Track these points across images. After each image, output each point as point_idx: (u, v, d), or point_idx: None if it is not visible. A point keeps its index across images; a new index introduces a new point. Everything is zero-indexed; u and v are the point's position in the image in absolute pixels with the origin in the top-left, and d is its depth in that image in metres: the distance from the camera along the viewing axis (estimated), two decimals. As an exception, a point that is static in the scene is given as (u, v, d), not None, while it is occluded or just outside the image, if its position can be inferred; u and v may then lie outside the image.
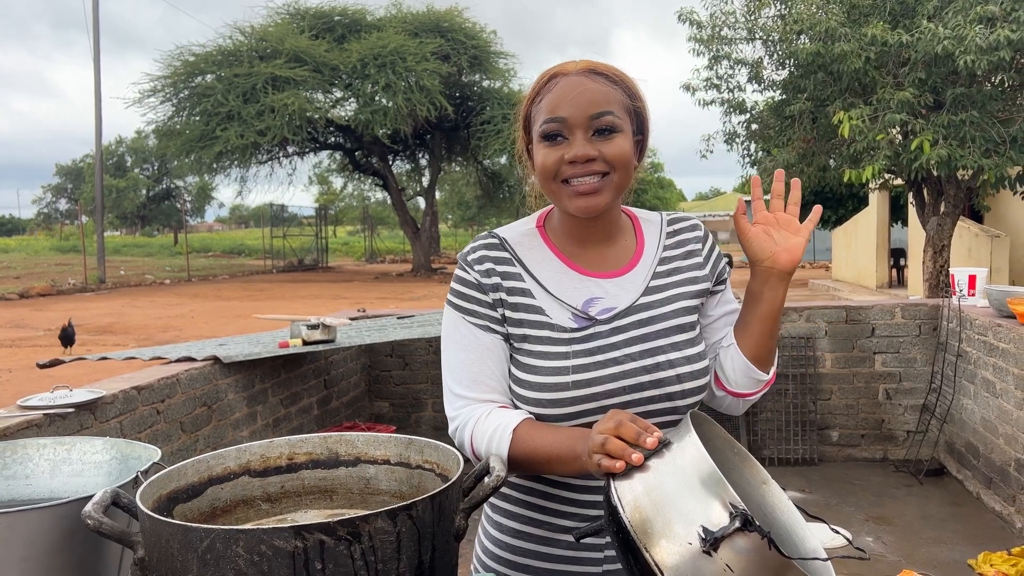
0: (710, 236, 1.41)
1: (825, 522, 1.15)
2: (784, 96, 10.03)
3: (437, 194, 31.54)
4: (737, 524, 0.87)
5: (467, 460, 1.21)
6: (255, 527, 0.90)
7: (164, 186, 48.12)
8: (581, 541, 1.25)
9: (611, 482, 0.99)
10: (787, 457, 5.57)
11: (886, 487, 5.11)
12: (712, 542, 0.88)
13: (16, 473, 1.31)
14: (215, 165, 23.69)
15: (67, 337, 5.17)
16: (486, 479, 1.11)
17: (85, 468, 1.32)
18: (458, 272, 1.32)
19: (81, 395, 2.86)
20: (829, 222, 22.54)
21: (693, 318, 1.30)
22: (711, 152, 11.68)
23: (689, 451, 0.96)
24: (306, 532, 0.90)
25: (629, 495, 0.96)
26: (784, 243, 1.26)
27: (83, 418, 2.89)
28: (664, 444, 0.99)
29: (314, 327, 4.39)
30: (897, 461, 5.51)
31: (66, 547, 1.06)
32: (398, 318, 5.73)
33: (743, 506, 0.88)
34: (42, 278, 22.82)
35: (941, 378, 5.30)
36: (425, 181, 29.40)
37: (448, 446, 1.19)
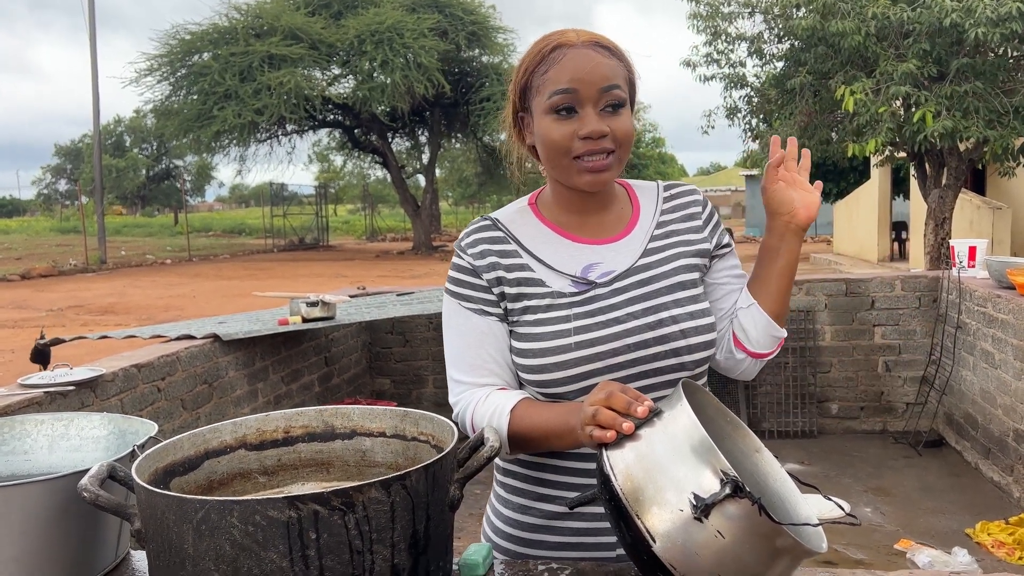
0: (709, 203, 1.41)
1: (818, 490, 1.16)
2: (785, 69, 9.96)
3: (437, 172, 31.41)
4: (727, 491, 0.88)
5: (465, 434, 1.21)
6: (249, 498, 0.91)
7: (164, 166, 47.96)
8: (595, 515, 1.26)
9: (603, 451, 0.99)
10: (787, 430, 5.59)
11: (885, 459, 5.14)
12: (703, 508, 0.88)
13: (15, 449, 1.31)
14: (213, 144, 23.54)
15: (41, 356, 3.84)
16: (481, 450, 1.12)
17: (83, 443, 1.33)
18: (453, 259, 1.34)
19: (81, 373, 2.87)
20: (831, 195, 22.47)
21: (694, 276, 1.31)
22: (712, 127, 11.63)
23: (680, 420, 0.96)
24: (300, 502, 0.90)
25: (621, 464, 0.97)
26: (802, 199, 1.31)
27: (84, 396, 2.90)
28: (655, 413, 0.99)
29: (313, 304, 4.40)
30: (896, 433, 5.54)
31: (64, 520, 1.07)
32: (397, 295, 5.73)
33: (733, 473, 0.89)
34: (43, 259, 22.83)
35: (940, 350, 5.31)
36: (425, 159, 29.27)
37: (443, 418, 1.19)
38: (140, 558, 1.22)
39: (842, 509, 1.11)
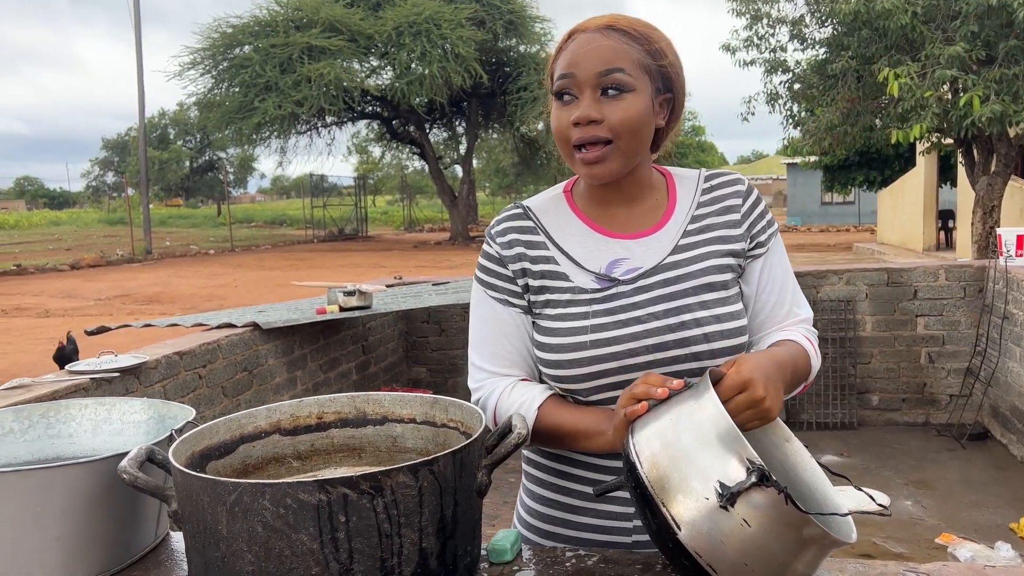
0: (754, 193, 1.31)
1: (849, 481, 1.15)
2: (827, 54, 9.76)
3: (474, 162, 31.44)
4: (753, 479, 0.87)
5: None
6: (280, 481, 0.93)
7: (207, 158, 48.78)
8: (610, 512, 1.26)
9: (630, 439, 1.00)
10: (826, 421, 5.52)
11: (927, 451, 5.04)
12: (729, 497, 0.88)
13: (60, 432, 1.36)
14: (255, 136, 23.88)
15: (64, 358, 3.79)
16: (508, 437, 1.12)
17: (125, 427, 1.37)
18: (484, 246, 1.33)
19: (126, 360, 2.95)
20: (875, 184, 22.02)
21: (726, 277, 1.24)
22: (752, 114, 11.44)
23: (707, 408, 0.96)
24: (329, 486, 0.92)
25: (647, 451, 0.97)
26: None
27: (128, 382, 2.98)
28: (690, 387, 1.00)
29: (350, 294, 4.45)
30: (939, 425, 5.43)
31: (105, 501, 1.11)
32: (433, 285, 5.77)
33: (759, 461, 0.88)
34: (92, 250, 23.42)
35: (986, 341, 5.19)
36: (462, 149, 29.32)
37: (472, 405, 1.21)
38: (178, 539, 1.25)
39: (873, 500, 1.10)
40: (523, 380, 1.28)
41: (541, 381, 1.30)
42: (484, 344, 1.30)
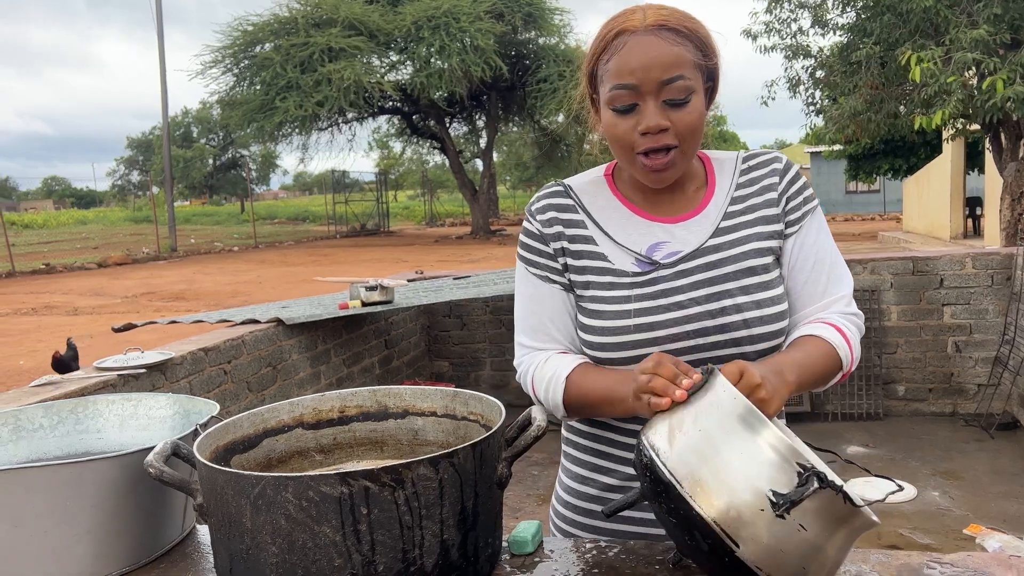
0: (793, 169, 1.29)
1: (868, 472, 1.14)
2: (850, 40, 9.64)
3: (495, 156, 31.47)
4: (815, 485, 0.84)
5: (519, 407, 1.23)
6: (303, 474, 0.94)
7: (230, 155, 49.19)
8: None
9: (656, 459, 0.93)
10: (851, 412, 5.47)
11: (954, 441, 4.98)
12: (786, 506, 0.84)
13: (88, 428, 1.38)
14: (276, 133, 24.06)
15: (62, 365, 4.11)
16: (528, 429, 1.13)
17: (151, 423, 1.39)
18: (524, 223, 1.34)
19: (152, 356, 2.99)
20: (900, 172, 21.73)
21: (767, 260, 1.24)
22: (773, 99, 11.33)
23: (732, 407, 0.92)
24: (351, 479, 0.94)
25: (683, 469, 0.91)
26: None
27: (155, 379, 3.03)
28: (709, 371, 0.98)
29: (372, 288, 4.47)
30: (967, 415, 5.36)
31: (133, 495, 1.13)
32: (454, 279, 5.79)
33: (812, 465, 0.86)
34: (118, 248, 23.73)
35: (1015, 329, 5.11)
36: (482, 143, 29.33)
37: (492, 398, 1.21)
38: (205, 532, 1.27)
39: (899, 486, 1.07)
40: (561, 353, 1.28)
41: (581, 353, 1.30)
42: (526, 320, 1.32)
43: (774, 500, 0.85)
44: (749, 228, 1.25)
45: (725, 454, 0.90)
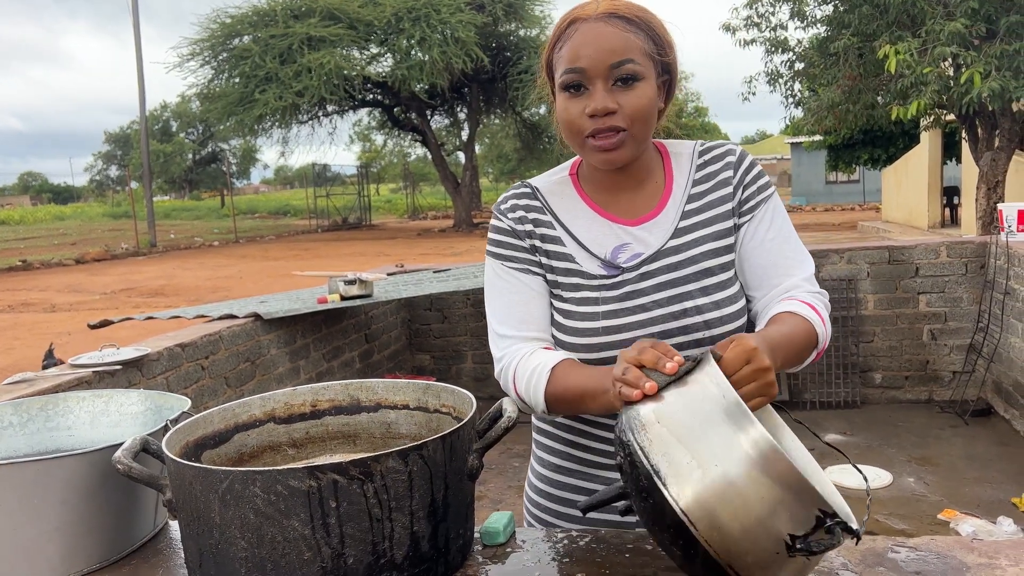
0: (747, 160, 1.29)
1: (848, 458, 1.15)
2: (828, 32, 9.70)
3: (476, 148, 31.36)
4: (839, 538, 0.83)
5: (489, 400, 1.23)
6: (270, 468, 0.94)
7: (210, 149, 48.76)
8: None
9: (666, 491, 0.88)
10: (829, 400, 5.53)
11: (930, 428, 5.05)
12: (804, 550, 0.83)
13: (59, 425, 1.38)
14: (256, 127, 23.85)
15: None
16: (499, 421, 1.14)
17: (122, 419, 1.38)
18: (493, 222, 1.34)
19: (128, 353, 2.97)
20: (879, 162, 21.91)
21: (724, 259, 1.26)
22: (753, 94, 11.39)
23: (759, 444, 0.86)
24: (319, 472, 0.94)
25: (699, 512, 0.86)
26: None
27: (131, 375, 3.01)
28: (694, 361, 0.95)
29: (351, 282, 4.46)
30: (942, 402, 5.44)
31: (102, 491, 1.13)
32: (434, 272, 5.78)
33: (833, 511, 0.84)
34: (96, 244, 23.48)
35: (988, 317, 5.18)
36: (464, 136, 29.24)
37: (463, 391, 1.21)
38: (177, 528, 1.27)
39: (865, 479, 1.08)
40: (545, 348, 1.28)
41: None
42: (508, 312, 1.30)
43: (790, 544, 0.83)
44: (705, 228, 1.27)
45: (751, 501, 0.85)
